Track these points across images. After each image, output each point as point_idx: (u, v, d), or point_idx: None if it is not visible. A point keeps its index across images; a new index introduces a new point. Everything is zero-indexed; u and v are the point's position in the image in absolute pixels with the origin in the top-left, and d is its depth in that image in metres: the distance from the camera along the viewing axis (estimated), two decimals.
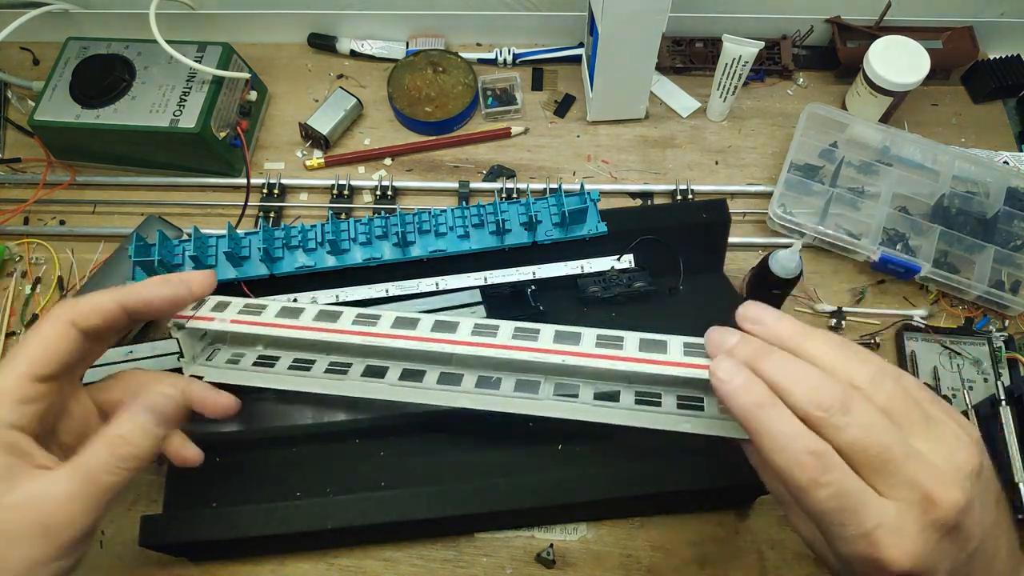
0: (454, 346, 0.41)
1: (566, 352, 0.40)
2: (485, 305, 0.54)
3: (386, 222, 0.56)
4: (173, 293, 0.41)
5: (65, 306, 0.37)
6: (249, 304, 0.44)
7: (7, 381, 0.34)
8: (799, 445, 0.29)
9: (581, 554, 0.52)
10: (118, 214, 0.68)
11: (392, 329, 0.42)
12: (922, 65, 0.66)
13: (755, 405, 0.30)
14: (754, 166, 0.71)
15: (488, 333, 0.41)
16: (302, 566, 0.52)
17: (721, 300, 0.57)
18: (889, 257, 0.62)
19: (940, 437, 0.30)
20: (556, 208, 0.57)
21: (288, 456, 0.51)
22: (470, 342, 0.41)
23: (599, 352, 0.39)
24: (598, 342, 0.40)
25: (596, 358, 0.39)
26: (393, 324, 0.43)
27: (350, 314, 0.44)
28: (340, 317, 0.43)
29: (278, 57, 0.77)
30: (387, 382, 0.44)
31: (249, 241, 0.56)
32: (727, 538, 0.53)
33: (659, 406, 0.41)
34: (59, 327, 0.36)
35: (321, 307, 0.45)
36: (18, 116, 0.74)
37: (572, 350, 0.40)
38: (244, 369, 0.45)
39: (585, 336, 0.41)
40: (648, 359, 0.39)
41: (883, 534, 0.28)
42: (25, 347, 0.35)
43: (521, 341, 0.41)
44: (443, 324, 0.42)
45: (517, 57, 0.76)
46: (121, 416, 0.36)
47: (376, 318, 0.43)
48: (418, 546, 0.53)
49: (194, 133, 0.63)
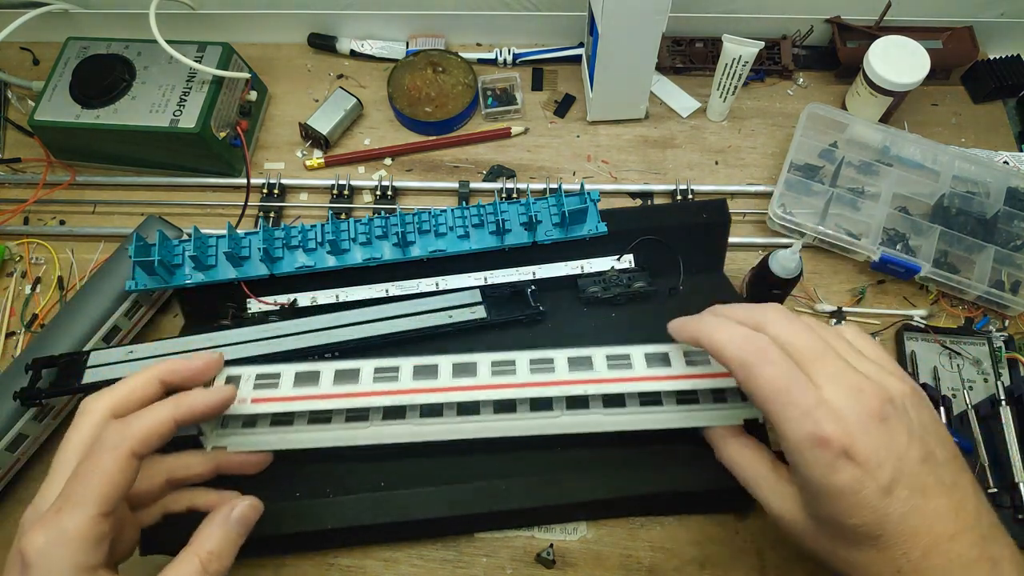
0: (477, 392, 0.44)
1: (583, 381, 0.44)
2: (485, 305, 0.54)
3: (386, 222, 0.56)
4: (221, 399, 0.42)
5: (123, 432, 0.36)
6: (262, 375, 0.45)
7: (79, 524, 0.33)
8: (752, 341, 0.37)
9: (581, 554, 0.52)
10: (118, 214, 0.68)
11: (414, 382, 0.45)
12: (922, 65, 0.66)
13: (713, 324, 0.40)
14: (754, 166, 0.71)
15: (507, 371, 0.45)
16: (302, 566, 0.52)
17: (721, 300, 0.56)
18: (889, 257, 0.62)
19: (871, 363, 0.37)
20: (556, 208, 0.57)
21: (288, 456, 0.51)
22: (491, 385, 0.45)
23: (612, 376, 0.44)
24: (609, 363, 0.45)
25: (609, 383, 0.44)
26: (414, 375, 0.45)
27: (369, 369, 0.45)
28: (360, 375, 0.45)
29: (278, 57, 0.77)
30: (409, 423, 0.47)
31: (249, 241, 0.56)
32: (727, 538, 0.53)
33: (661, 405, 0.46)
34: (121, 460, 0.36)
35: (337, 367, 0.46)
36: (18, 116, 0.74)
37: (588, 377, 0.44)
38: (264, 432, 0.47)
39: (596, 359, 0.45)
40: (656, 375, 0.44)
41: (824, 413, 0.34)
42: (89, 483, 0.35)
43: (539, 375, 0.45)
44: (463, 367, 0.45)
45: (517, 57, 0.76)
46: (210, 532, 0.38)
47: (395, 370, 0.45)
48: (418, 546, 0.53)
49: (194, 133, 0.63)
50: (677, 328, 0.43)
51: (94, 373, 0.51)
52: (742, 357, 0.37)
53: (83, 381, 0.51)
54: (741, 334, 0.38)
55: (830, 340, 0.37)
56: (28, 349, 0.55)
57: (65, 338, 0.55)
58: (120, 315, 0.57)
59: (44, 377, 0.52)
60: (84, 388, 0.51)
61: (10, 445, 0.52)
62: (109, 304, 0.56)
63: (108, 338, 0.57)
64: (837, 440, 0.33)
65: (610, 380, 0.44)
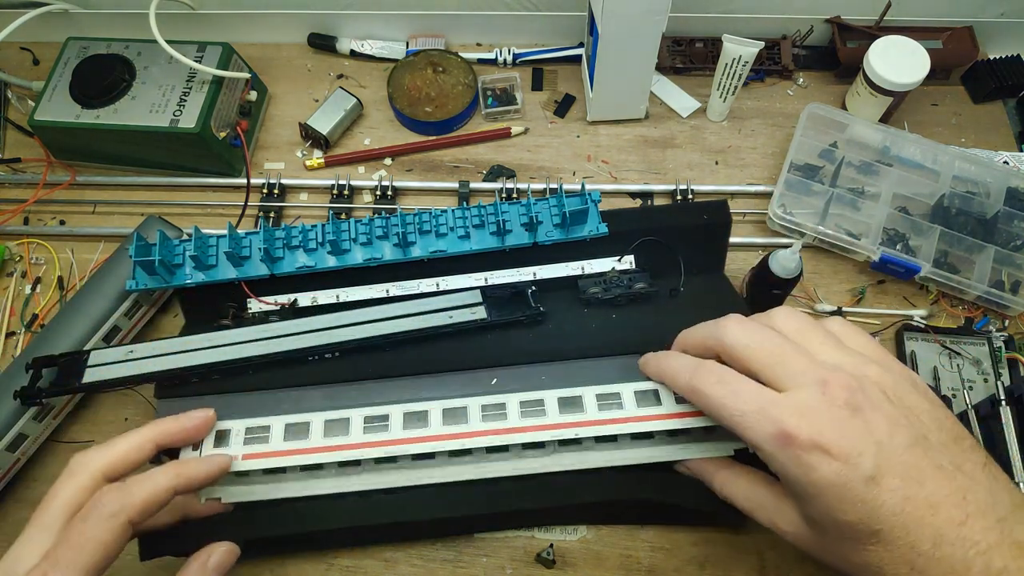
0: (467, 440, 0.45)
1: (575, 424, 0.45)
2: (486, 306, 0.54)
3: (386, 222, 0.56)
4: (218, 469, 0.42)
5: (122, 501, 0.35)
6: (251, 428, 0.46)
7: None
8: (697, 366, 0.37)
9: (581, 554, 0.52)
10: (118, 214, 0.68)
11: (404, 431, 0.46)
12: (922, 65, 0.66)
13: (665, 360, 0.41)
14: (754, 166, 0.71)
15: (498, 415, 0.46)
16: (302, 566, 0.52)
17: (722, 301, 0.57)
18: (889, 257, 0.62)
19: (844, 351, 0.35)
20: (557, 209, 0.57)
21: None
22: (483, 431, 0.45)
23: (603, 417, 0.45)
24: (600, 404, 0.46)
25: (601, 424, 0.45)
26: (404, 424, 0.46)
27: (358, 421, 0.46)
28: (350, 426, 0.46)
29: (278, 57, 0.77)
30: (401, 467, 0.48)
31: (250, 241, 0.56)
32: (727, 538, 0.53)
33: (652, 439, 0.47)
34: (117, 530, 0.34)
35: (327, 417, 0.47)
36: (18, 116, 0.74)
37: (579, 420, 0.45)
38: (257, 482, 0.47)
39: (587, 400, 0.46)
40: (646, 415, 0.45)
41: (782, 409, 0.32)
42: (82, 551, 0.33)
43: (529, 419, 0.46)
44: (453, 413, 0.46)
45: (517, 57, 0.76)
46: None
47: (385, 418, 0.46)
48: (418, 546, 0.53)
49: (194, 133, 0.63)
50: (643, 368, 0.45)
51: (94, 373, 0.51)
52: (691, 384, 0.37)
53: (83, 380, 0.51)
54: (686, 363, 0.38)
55: (803, 337, 0.36)
56: (28, 349, 0.55)
57: (65, 338, 0.55)
58: (120, 315, 0.57)
59: (44, 376, 0.52)
60: (84, 387, 0.51)
61: (10, 445, 0.52)
62: (109, 304, 0.56)
63: (108, 338, 0.57)
64: (803, 434, 0.32)
65: (601, 422, 0.45)
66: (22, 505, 0.55)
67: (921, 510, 0.30)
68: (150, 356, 0.52)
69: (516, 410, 0.46)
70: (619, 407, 0.45)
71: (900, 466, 0.31)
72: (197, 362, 0.51)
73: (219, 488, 0.46)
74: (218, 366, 0.51)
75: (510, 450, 0.48)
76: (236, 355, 0.51)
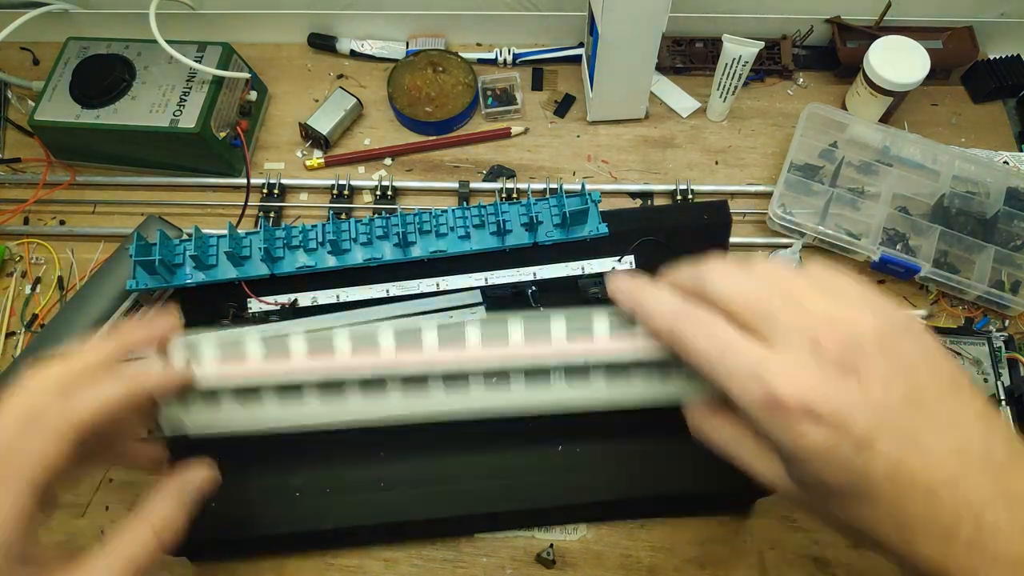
0: (465, 361, 0.39)
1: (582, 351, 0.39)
2: (485, 306, 0.54)
3: (387, 222, 0.56)
4: (178, 379, 0.38)
5: (65, 413, 0.33)
6: (225, 344, 0.39)
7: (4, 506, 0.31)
8: (681, 308, 0.33)
9: (581, 554, 0.52)
10: (118, 214, 0.68)
11: (396, 346, 0.39)
12: (922, 65, 0.66)
13: (645, 291, 0.36)
14: (754, 166, 0.71)
15: (499, 336, 0.39)
16: (302, 566, 0.52)
17: None
18: (889, 257, 0.62)
19: (835, 299, 0.32)
20: (557, 209, 0.57)
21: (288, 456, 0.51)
22: (482, 355, 0.39)
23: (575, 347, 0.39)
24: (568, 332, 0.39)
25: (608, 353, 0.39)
26: (396, 343, 0.39)
27: (344, 336, 0.39)
28: (335, 341, 0.39)
29: (278, 57, 0.77)
30: (389, 394, 0.41)
31: (250, 241, 0.56)
32: (727, 538, 0.53)
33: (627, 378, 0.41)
34: (62, 445, 0.32)
35: (307, 333, 0.40)
36: (18, 116, 0.73)
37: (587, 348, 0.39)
38: (230, 410, 0.41)
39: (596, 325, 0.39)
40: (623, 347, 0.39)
41: (774, 372, 0.30)
42: (20, 464, 0.32)
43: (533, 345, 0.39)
44: (449, 332, 0.40)
45: (517, 57, 0.76)
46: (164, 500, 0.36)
47: (374, 338, 0.39)
48: (418, 546, 0.53)
49: (194, 133, 0.63)
50: (611, 289, 0.38)
51: None
52: (672, 329, 0.33)
53: None
54: (668, 303, 0.34)
55: (790, 285, 0.33)
56: (28, 349, 0.55)
57: (65, 338, 0.55)
58: (120, 315, 0.57)
59: None
60: None
61: None
62: (109, 304, 0.56)
63: None
64: (794, 401, 0.29)
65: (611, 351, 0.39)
66: None
67: (913, 471, 0.29)
68: None
69: (520, 334, 0.40)
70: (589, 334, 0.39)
71: (893, 428, 0.29)
72: None
73: (188, 415, 0.40)
74: None
75: (511, 379, 0.41)
76: None
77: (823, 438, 0.29)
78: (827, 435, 0.29)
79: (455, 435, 0.52)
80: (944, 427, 0.30)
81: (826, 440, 0.29)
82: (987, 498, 0.28)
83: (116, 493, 0.55)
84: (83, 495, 0.55)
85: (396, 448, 0.51)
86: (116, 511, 0.54)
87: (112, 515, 0.54)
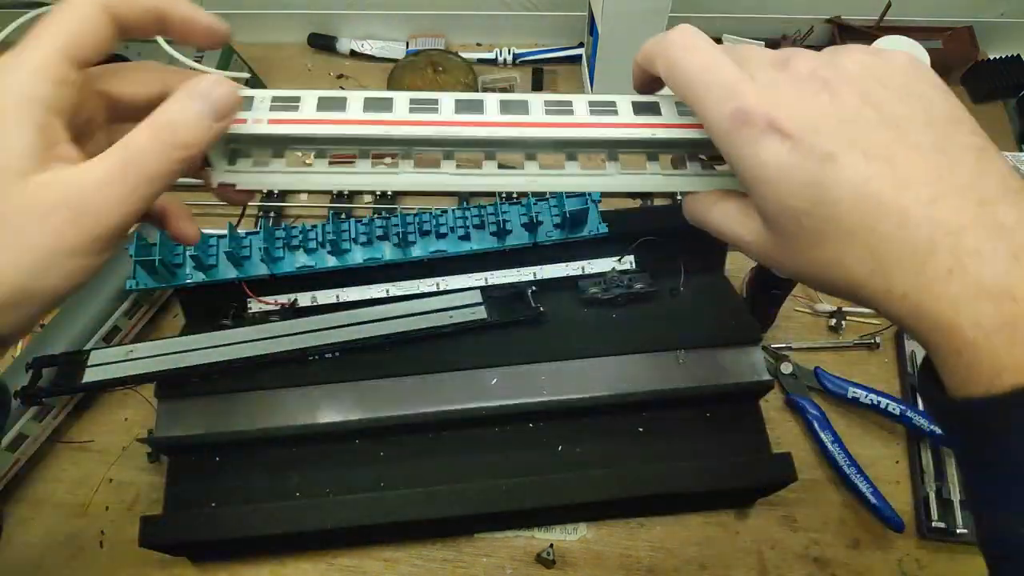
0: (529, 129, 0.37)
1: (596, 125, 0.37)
2: (486, 306, 0.54)
3: (387, 223, 0.56)
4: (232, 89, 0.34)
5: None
6: (279, 97, 0.37)
7: (40, 56, 0.28)
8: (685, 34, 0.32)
9: (581, 554, 0.52)
10: None
11: (457, 115, 0.37)
12: None
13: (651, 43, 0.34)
14: None
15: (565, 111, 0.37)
16: (302, 566, 0.52)
17: (721, 301, 0.57)
18: None
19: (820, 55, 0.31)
20: (557, 209, 0.56)
21: (288, 456, 0.51)
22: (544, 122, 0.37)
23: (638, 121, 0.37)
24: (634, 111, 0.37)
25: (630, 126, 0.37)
26: (456, 109, 0.37)
27: (403, 100, 0.37)
28: (393, 104, 0.37)
29: (278, 57, 0.77)
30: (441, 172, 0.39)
31: (250, 241, 0.56)
32: (727, 538, 0.53)
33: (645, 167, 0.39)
34: (96, 9, 0.29)
35: (367, 95, 0.37)
36: None
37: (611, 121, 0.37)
38: (280, 172, 0.38)
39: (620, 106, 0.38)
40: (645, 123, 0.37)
41: (748, 86, 0.29)
42: (56, 24, 0.29)
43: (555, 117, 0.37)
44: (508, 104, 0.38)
45: (517, 57, 0.76)
46: (170, 102, 0.31)
47: (435, 103, 0.37)
48: (418, 546, 0.53)
49: None
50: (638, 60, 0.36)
51: (94, 373, 0.51)
52: (664, 46, 0.32)
53: (83, 380, 0.51)
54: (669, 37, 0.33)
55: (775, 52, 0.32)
56: (28, 349, 0.55)
57: (65, 338, 0.55)
58: (120, 315, 0.57)
59: (44, 376, 0.52)
60: (84, 387, 0.51)
61: (10, 445, 0.52)
62: (109, 304, 0.56)
63: (108, 338, 0.57)
64: (759, 112, 0.28)
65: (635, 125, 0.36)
66: (22, 505, 0.55)
67: (884, 189, 0.26)
68: (150, 356, 0.52)
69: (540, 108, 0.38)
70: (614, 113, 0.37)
71: (864, 144, 0.27)
72: (197, 362, 0.51)
73: (238, 174, 0.38)
74: (218, 366, 0.51)
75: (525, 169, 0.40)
76: (236, 355, 0.51)
77: (785, 150, 0.27)
78: (790, 147, 0.27)
79: (455, 435, 0.52)
80: (925, 152, 0.27)
81: (789, 152, 0.27)
82: (967, 223, 0.25)
83: (116, 493, 0.55)
84: (83, 495, 0.55)
85: (396, 448, 0.52)
86: (116, 511, 0.54)
87: (112, 515, 0.54)
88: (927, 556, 0.53)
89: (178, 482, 0.51)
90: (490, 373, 0.52)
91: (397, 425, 0.51)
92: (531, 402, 0.51)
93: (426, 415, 0.50)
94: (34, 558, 0.53)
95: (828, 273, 0.29)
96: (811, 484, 0.55)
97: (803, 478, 0.51)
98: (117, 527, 0.53)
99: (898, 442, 0.57)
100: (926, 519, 0.53)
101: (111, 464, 0.56)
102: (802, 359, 0.60)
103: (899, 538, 0.54)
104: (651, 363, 0.53)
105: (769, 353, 0.60)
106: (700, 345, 0.53)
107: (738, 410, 0.53)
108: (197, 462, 0.51)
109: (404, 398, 0.51)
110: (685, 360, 0.53)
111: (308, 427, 0.50)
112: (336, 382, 0.52)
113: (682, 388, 0.51)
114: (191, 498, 0.50)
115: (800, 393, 0.58)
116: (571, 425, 0.52)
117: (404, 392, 0.51)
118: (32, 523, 0.54)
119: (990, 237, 0.25)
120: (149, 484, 0.55)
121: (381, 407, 0.51)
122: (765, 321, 0.60)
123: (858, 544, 0.54)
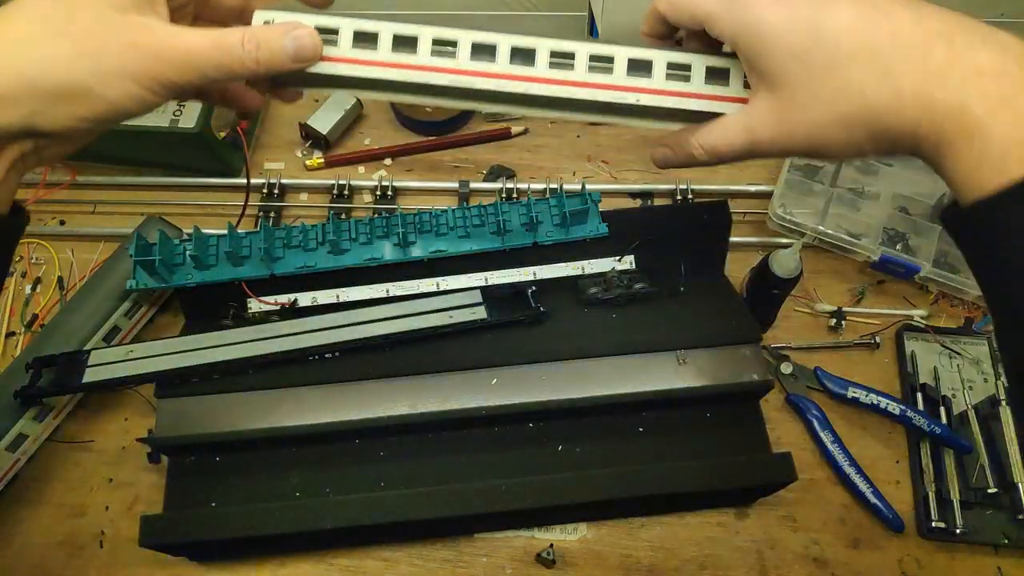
0: (572, 89, 0.41)
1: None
2: (485, 306, 0.54)
3: (386, 222, 0.56)
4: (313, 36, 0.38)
5: None
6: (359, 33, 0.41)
7: None
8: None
9: (581, 554, 0.52)
10: (118, 214, 0.68)
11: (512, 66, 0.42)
12: None
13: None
14: (754, 166, 0.71)
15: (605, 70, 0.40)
16: (302, 566, 0.52)
17: (722, 302, 0.57)
18: (889, 257, 0.62)
19: None
20: (557, 209, 0.57)
21: (288, 456, 0.51)
22: (588, 82, 0.40)
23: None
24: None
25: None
26: (511, 59, 0.42)
27: (467, 41, 0.43)
28: (458, 46, 0.42)
29: None
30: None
31: (250, 241, 0.56)
32: (727, 538, 0.53)
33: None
34: None
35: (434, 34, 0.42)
36: None
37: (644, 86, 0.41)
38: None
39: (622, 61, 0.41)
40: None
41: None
42: None
43: (597, 75, 0.41)
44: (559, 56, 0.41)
45: None
46: (272, 28, 0.36)
47: (493, 50, 0.42)
48: (418, 546, 0.53)
49: (194, 133, 0.63)
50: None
51: (94, 373, 0.51)
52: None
53: (83, 380, 0.51)
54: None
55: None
56: (28, 349, 0.55)
57: (65, 338, 0.55)
58: (120, 315, 0.57)
59: (44, 376, 0.52)
60: (84, 387, 0.51)
61: (10, 445, 0.52)
62: (109, 304, 0.56)
63: (108, 338, 0.57)
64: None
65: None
66: (22, 505, 0.55)
67: (874, 15, 0.30)
68: (150, 356, 0.52)
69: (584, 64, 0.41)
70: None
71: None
72: (197, 362, 0.51)
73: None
74: (218, 366, 0.51)
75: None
76: (236, 355, 0.51)
77: (782, 4, 0.30)
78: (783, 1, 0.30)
79: (455, 435, 0.52)
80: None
81: (784, 5, 0.30)
82: (954, 30, 0.30)
83: (116, 493, 0.55)
84: (83, 495, 0.55)
85: (396, 448, 0.52)
86: (116, 511, 0.54)
87: (112, 515, 0.54)
88: (927, 556, 0.53)
89: (178, 482, 0.51)
90: (490, 373, 0.52)
91: (397, 425, 0.51)
92: (531, 402, 0.51)
93: (426, 415, 0.50)
94: (34, 558, 0.53)
95: (838, 107, 0.30)
96: (811, 484, 0.55)
97: (803, 478, 0.51)
98: (117, 527, 0.53)
99: (898, 442, 0.57)
100: (926, 519, 0.53)
101: (111, 464, 0.56)
102: (802, 359, 0.60)
103: (899, 538, 0.54)
104: (651, 363, 0.53)
105: (769, 353, 0.60)
106: (700, 345, 0.53)
107: (738, 410, 0.53)
108: (197, 462, 0.51)
109: (404, 398, 0.51)
110: (685, 360, 0.53)
111: (308, 427, 0.50)
112: (336, 382, 0.52)
113: (682, 388, 0.51)
114: (191, 498, 0.50)
115: (800, 393, 0.58)
116: (571, 425, 0.52)
117: (404, 392, 0.51)
118: (32, 523, 0.54)
119: (977, 36, 0.29)
120: (149, 484, 0.55)
121: (381, 407, 0.51)
122: (765, 321, 0.60)
123: (858, 544, 0.54)
